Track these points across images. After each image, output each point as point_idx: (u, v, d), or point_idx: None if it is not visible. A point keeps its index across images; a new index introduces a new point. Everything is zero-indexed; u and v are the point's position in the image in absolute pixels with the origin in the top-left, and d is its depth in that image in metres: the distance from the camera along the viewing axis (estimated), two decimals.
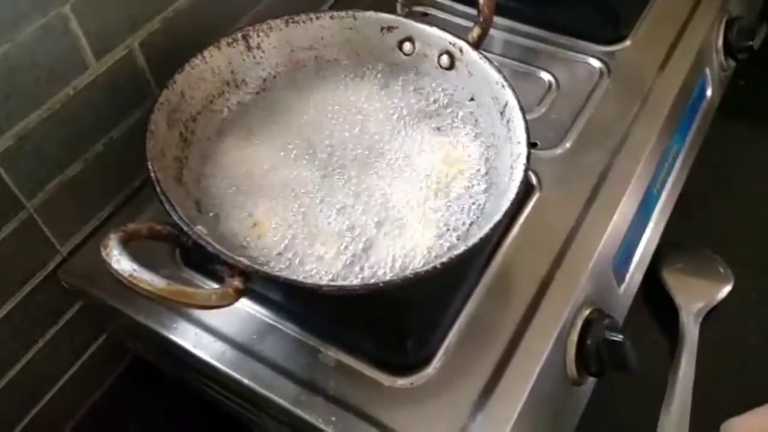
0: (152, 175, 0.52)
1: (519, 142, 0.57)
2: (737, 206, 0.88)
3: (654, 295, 0.78)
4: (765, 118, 0.97)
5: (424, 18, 0.89)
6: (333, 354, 0.56)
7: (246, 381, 0.55)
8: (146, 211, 0.67)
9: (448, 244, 0.56)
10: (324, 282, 0.51)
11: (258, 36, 0.66)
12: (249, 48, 0.66)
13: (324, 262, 0.55)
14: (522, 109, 0.58)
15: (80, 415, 0.73)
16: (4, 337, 0.61)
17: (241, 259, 0.48)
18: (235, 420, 0.68)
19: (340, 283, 0.51)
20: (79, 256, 0.65)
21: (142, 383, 0.75)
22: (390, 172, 0.63)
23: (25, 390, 0.66)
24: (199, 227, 0.50)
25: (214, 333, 0.58)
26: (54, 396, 0.69)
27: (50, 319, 0.66)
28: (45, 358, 0.66)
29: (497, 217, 0.51)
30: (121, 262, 0.43)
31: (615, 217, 0.64)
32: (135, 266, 0.43)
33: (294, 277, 0.50)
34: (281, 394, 0.54)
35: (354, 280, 0.52)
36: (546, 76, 0.79)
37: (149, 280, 0.43)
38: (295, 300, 0.57)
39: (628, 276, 0.70)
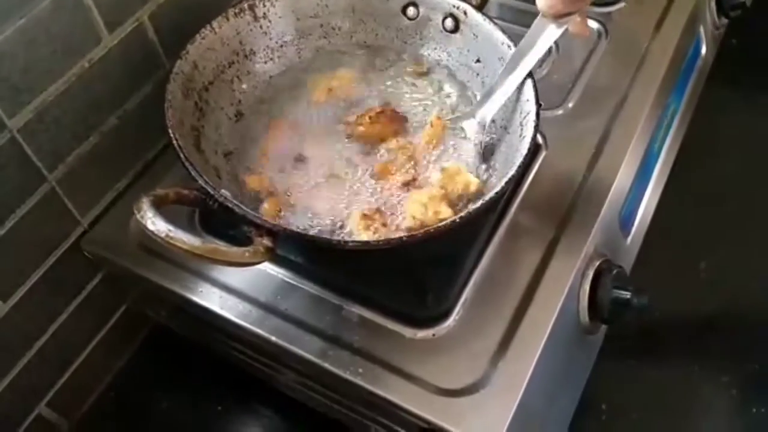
0: (175, 142, 0.53)
1: (528, 100, 0.59)
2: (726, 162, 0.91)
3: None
4: (756, 75, 0.99)
5: None
6: (356, 310, 0.58)
7: (273, 338, 0.56)
8: (162, 181, 0.68)
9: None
10: (348, 238, 0.53)
11: (264, 5, 0.67)
12: (256, 18, 0.67)
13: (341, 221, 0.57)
14: None
15: (106, 383, 0.75)
16: (30, 309, 0.62)
17: (268, 218, 0.49)
18: (254, 378, 0.70)
19: (364, 238, 0.53)
20: (100, 226, 0.66)
21: (163, 350, 0.76)
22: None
23: (52, 360, 0.67)
24: (223, 191, 0.52)
25: (238, 294, 0.59)
26: (80, 365, 0.70)
27: (74, 290, 0.67)
28: (70, 328, 0.67)
29: (511, 172, 0.53)
30: (157, 224, 0.44)
31: (619, 173, 0.66)
32: (170, 227, 0.44)
33: (319, 234, 0.52)
34: (309, 349, 0.55)
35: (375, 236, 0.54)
36: None
37: (185, 239, 0.44)
38: (319, 258, 0.59)
39: (633, 228, 0.73)
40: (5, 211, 0.58)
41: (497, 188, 0.52)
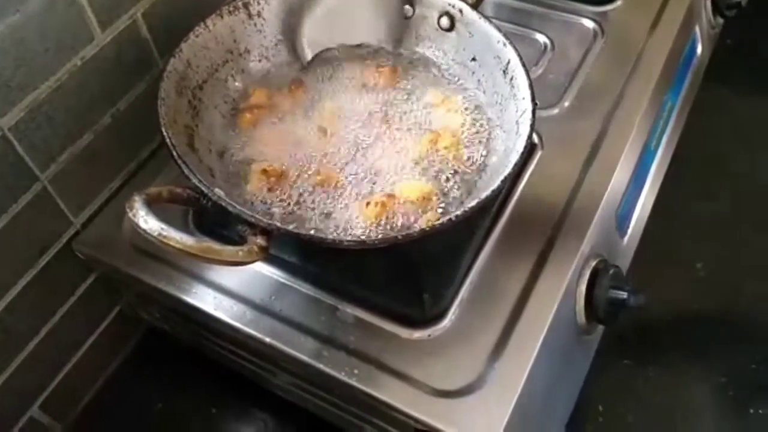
0: (168, 140, 0.53)
1: (524, 98, 0.58)
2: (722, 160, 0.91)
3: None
4: (751, 74, 0.99)
5: None
6: (351, 311, 0.57)
7: (268, 339, 0.56)
8: (155, 182, 0.67)
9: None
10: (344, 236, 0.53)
11: (258, 4, 0.66)
12: (250, 16, 0.66)
13: (336, 219, 0.57)
14: (524, 65, 0.60)
15: (99, 386, 0.74)
16: (22, 310, 0.62)
17: (263, 217, 0.49)
18: (249, 380, 0.70)
19: (360, 237, 0.52)
20: (93, 227, 0.66)
21: (156, 352, 0.76)
22: (395, 134, 0.64)
23: (45, 362, 0.66)
24: (217, 189, 0.51)
25: (233, 295, 0.59)
26: (73, 367, 0.70)
27: (67, 292, 0.66)
28: (63, 329, 0.66)
29: (507, 170, 0.53)
30: (149, 222, 0.44)
31: (616, 172, 0.66)
32: (163, 225, 0.44)
33: (315, 233, 0.51)
34: (304, 350, 0.55)
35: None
36: (541, 38, 0.79)
37: (178, 238, 0.43)
38: (314, 257, 0.58)
39: (630, 228, 0.72)
40: None
41: (493, 186, 0.52)
